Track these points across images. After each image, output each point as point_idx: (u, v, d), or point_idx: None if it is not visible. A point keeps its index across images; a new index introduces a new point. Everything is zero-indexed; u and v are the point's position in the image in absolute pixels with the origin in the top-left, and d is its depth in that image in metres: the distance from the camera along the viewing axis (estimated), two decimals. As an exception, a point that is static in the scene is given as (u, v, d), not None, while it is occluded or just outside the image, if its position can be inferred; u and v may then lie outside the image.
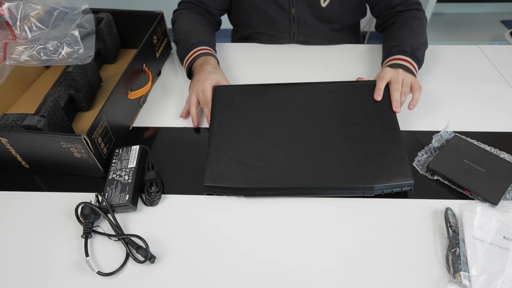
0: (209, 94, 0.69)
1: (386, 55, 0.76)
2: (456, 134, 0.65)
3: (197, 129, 0.71)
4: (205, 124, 0.71)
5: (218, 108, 0.65)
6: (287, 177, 0.56)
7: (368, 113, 0.62)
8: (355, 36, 0.99)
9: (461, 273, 0.47)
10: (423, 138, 0.66)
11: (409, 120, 0.70)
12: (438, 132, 0.66)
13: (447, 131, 0.66)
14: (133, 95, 0.68)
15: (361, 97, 0.64)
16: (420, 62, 0.74)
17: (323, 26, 0.91)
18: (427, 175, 0.60)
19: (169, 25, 0.85)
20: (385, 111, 0.62)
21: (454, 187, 0.58)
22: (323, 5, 0.85)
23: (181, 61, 0.81)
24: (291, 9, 0.87)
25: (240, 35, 1.00)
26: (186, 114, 0.72)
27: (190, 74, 0.78)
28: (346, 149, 0.58)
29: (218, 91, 0.68)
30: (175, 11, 0.91)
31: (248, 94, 0.66)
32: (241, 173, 0.57)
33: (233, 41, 1.08)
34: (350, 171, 0.56)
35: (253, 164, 0.57)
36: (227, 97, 0.66)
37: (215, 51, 0.82)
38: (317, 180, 0.56)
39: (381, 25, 0.88)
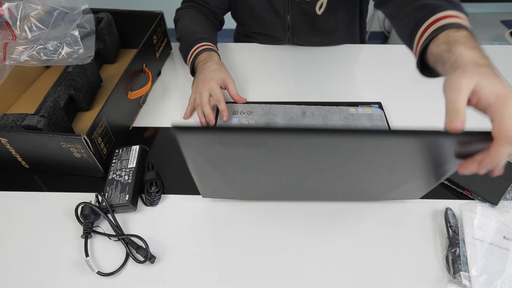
0: (220, 95, 0.69)
1: (415, 25, 0.51)
2: (456, 134, 0.65)
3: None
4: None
5: (191, 161, 0.42)
6: (287, 195, 0.55)
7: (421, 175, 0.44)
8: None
9: (461, 273, 0.47)
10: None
11: (409, 120, 0.70)
12: (438, 132, 0.66)
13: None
14: (133, 95, 0.68)
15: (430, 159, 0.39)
16: (467, 16, 0.50)
17: (317, 36, 0.90)
18: (427, 175, 0.60)
19: (169, 25, 0.85)
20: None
21: (454, 187, 0.58)
22: (319, 12, 0.85)
23: (184, 58, 0.81)
24: (286, 16, 0.87)
25: (240, 32, 1.01)
26: (190, 114, 0.72)
27: (193, 72, 0.78)
28: (362, 185, 0.50)
29: (185, 141, 0.37)
30: (178, 10, 0.91)
31: (231, 146, 0.38)
32: (237, 191, 0.55)
33: (235, 35, 1.08)
34: (359, 194, 0.54)
35: (249, 191, 0.54)
36: (201, 150, 0.40)
37: (217, 49, 0.82)
38: (320, 198, 0.56)
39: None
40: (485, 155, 0.35)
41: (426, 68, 0.51)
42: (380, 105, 0.72)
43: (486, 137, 0.34)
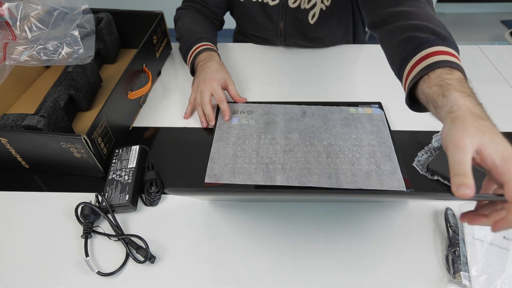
0: (221, 95, 0.69)
1: (403, 59, 0.50)
2: (456, 134, 0.65)
3: (197, 129, 0.70)
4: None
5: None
6: (287, 198, 0.56)
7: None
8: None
9: (461, 273, 0.47)
10: (423, 138, 0.66)
11: (409, 120, 0.70)
12: (438, 132, 0.66)
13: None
14: (133, 95, 0.68)
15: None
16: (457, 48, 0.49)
17: (309, 42, 0.90)
18: (427, 175, 0.60)
19: (169, 25, 0.86)
20: None
21: (454, 187, 0.58)
22: (311, 22, 0.85)
23: (184, 57, 0.81)
24: (280, 22, 0.87)
25: (238, 31, 1.02)
26: (190, 114, 0.72)
27: (193, 72, 0.78)
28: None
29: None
30: (178, 9, 0.91)
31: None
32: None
33: (235, 34, 1.08)
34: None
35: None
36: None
37: (217, 49, 0.82)
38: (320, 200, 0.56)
39: (374, 22, 0.63)
40: (503, 219, 0.35)
41: (414, 102, 0.50)
42: (380, 105, 0.72)
43: (500, 199, 0.35)
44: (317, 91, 0.78)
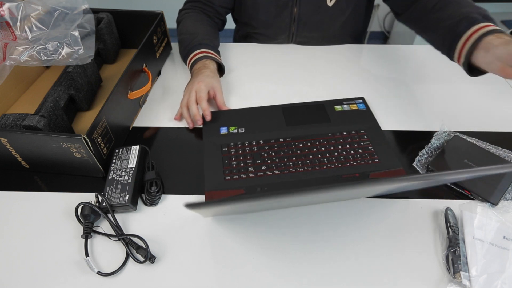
0: (203, 94, 0.69)
1: (456, 34, 0.62)
2: (456, 134, 0.65)
3: (197, 130, 0.70)
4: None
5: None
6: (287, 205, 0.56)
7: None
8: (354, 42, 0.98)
9: (461, 273, 0.47)
10: (423, 138, 0.66)
11: (409, 119, 0.70)
12: (436, 132, 0.66)
13: (446, 131, 0.66)
14: (133, 95, 0.68)
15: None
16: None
17: (322, 29, 0.91)
18: (427, 175, 0.60)
19: (169, 25, 0.86)
20: None
21: (454, 187, 0.58)
22: (330, 4, 0.85)
23: (184, 62, 0.82)
24: (293, 8, 0.87)
25: (241, 34, 1.01)
26: (181, 116, 0.72)
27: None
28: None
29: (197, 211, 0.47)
30: (181, 10, 0.91)
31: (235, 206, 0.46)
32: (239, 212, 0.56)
33: (235, 37, 1.08)
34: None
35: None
36: (209, 211, 0.49)
37: (218, 52, 0.82)
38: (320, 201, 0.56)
39: (406, 11, 0.75)
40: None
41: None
42: (363, 99, 0.73)
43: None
44: (316, 91, 0.78)
